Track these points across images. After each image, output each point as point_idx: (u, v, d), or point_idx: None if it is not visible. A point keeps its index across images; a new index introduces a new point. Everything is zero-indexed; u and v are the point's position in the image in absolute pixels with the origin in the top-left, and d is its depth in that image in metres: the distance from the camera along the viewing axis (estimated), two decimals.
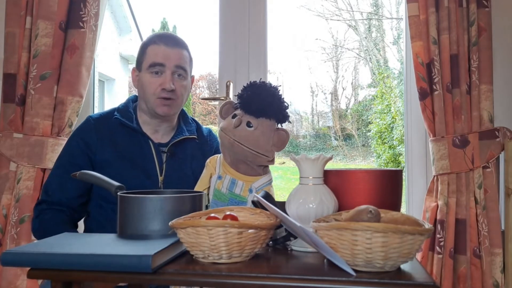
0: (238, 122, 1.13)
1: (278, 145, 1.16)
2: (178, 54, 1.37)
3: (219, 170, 1.20)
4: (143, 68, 1.37)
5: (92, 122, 1.39)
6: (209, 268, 0.76)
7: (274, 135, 1.16)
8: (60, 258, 0.77)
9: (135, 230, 0.95)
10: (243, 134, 1.13)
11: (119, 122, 1.37)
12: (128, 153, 1.35)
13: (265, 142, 1.14)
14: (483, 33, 1.71)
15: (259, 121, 1.14)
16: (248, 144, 1.13)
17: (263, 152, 1.14)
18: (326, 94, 7.82)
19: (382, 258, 0.70)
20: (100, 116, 1.42)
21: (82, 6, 1.77)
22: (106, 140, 1.35)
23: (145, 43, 1.39)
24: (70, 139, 1.40)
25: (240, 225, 0.77)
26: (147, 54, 1.36)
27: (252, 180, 1.17)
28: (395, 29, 7.27)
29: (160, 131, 1.42)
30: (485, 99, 1.71)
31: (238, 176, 1.17)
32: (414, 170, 1.91)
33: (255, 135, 1.13)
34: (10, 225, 1.70)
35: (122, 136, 1.37)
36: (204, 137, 1.50)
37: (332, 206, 0.91)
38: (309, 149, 7.45)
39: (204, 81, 7.85)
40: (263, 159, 1.16)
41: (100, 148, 1.34)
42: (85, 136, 1.36)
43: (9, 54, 1.77)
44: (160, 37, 1.38)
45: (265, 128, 1.15)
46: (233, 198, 1.17)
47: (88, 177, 1.14)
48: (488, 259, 1.68)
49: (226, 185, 1.18)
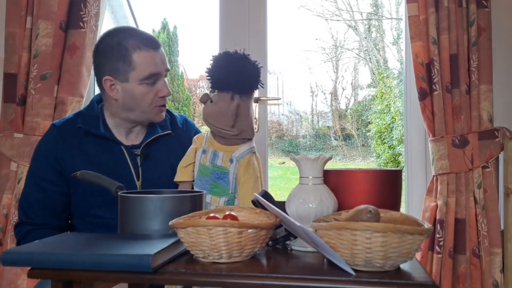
0: (204, 98, 1.15)
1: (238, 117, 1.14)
2: (163, 55, 1.27)
3: (205, 145, 1.20)
4: (131, 79, 1.23)
5: (56, 132, 1.29)
6: (209, 268, 0.76)
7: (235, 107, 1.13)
8: (60, 258, 0.77)
9: (135, 230, 0.95)
10: (206, 111, 1.16)
11: (84, 131, 1.26)
12: (100, 162, 1.25)
13: (222, 117, 1.13)
14: (483, 33, 1.72)
15: (219, 96, 1.14)
16: (209, 119, 1.15)
17: (222, 127, 1.14)
18: (326, 94, 7.83)
19: (381, 257, 0.70)
20: (64, 123, 1.31)
21: (83, 6, 1.77)
22: (75, 150, 1.26)
23: (124, 48, 1.21)
24: (37, 153, 1.30)
25: (240, 224, 0.78)
26: (134, 63, 1.21)
27: (232, 150, 1.16)
28: (395, 29, 7.28)
29: (133, 132, 1.33)
30: (484, 99, 1.71)
31: (219, 148, 1.17)
32: (413, 170, 1.92)
33: (213, 111, 1.14)
34: (11, 225, 1.70)
35: (91, 144, 1.27)
36: (179, 128, 1.40)
37: (332, 206, 0.92)
38: (309, 149, 7.46)
39: (204, 81, 7.85)
40: (227, 134, 1.15)
41: (70, 160, 1.24)
42: (51, 149, 1.26)
43: (10, 54, 1.77)
44: (140, 39, 1.23)
45: (222, 103, 1.13)
46: (215, 170, 1.16)
47: (88, 177, 1.13)
48: (487, 259, 1.68)
49: (209, 158, 1.17)
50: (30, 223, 1.26)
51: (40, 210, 1.26)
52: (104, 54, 1.25)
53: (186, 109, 6.93)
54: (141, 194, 0.99)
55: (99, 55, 1.27)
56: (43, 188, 1.26)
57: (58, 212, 1.28)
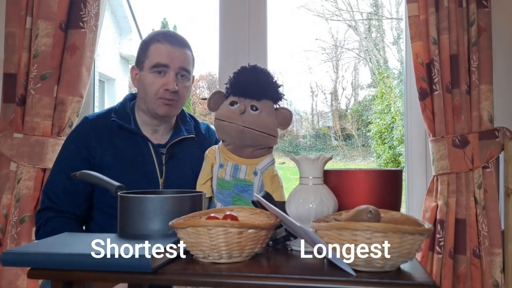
0: (243, 107, 1.14)
1: (283, 123, 1.19)
2: (182, 55, 1.33)
3: (220, 159, 1.19)
4: (145, 67, 1.33)
5: (89, 124, 1.35)
6: (209, 268, 0.76)
7: (277, 114, 1.18)
8: (60, 258, 0.77)
9: (135, 230, 0.95)
10: (251, 118, 1.14)
11: (116, 124, 1.34)
12: (128, 156, 1.32)
13: (271, 123, 1.16)
14: (483, 33, 1.71)
15: (262, 103, 1.16)
16: (258, 127, 1.14)
17: (273, 133, 1.17)
18: (326, 94, 7.82)
19: (382, 258, 0.70)
20: (97, 116, 1.38)
21: (82, 6, 1.77)
22: (106, 143, 1.32)
23: (147, 40, 1.34)
24: (68, 142, 1.36)
25: (240, 225, 0.77)
26: (150, 53, 1.32)
27: (255, 162, 1.18)
28: (395, 29, 7.28)
29: (159, 131, 1.40)
30: (485, 99, 1.71)
31: (240, 161, 1.17)
32: (414, 170, 1.91)
33: (263, 118, 1.15)
34: (10, 225, 1.70)
35: (121, 138, 1.34)
36: (202, 134, 1.48)
37: (332, 206, 0.91)
38: (309, 149, 7.46)
39: (204, 81, 7.85)
40: (273, 140, 1.18)
41: (100, 152, 1.31)
42: (83, 140, 1.32)
43: (9, 54, 1.76)
44: (164, 35, 1.33)
45: (269, 109, 1.17)
46: (238, 183, 1.17)
47: (88, 177, 1.13)
48: (488, 259, 1.68)
49: (229, 172, 1.17)
50: (54, 209, 1.29)
51: (64, 197, 1.30)
52: (138, 49, 1.38)
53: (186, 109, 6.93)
54: (141, 194, 0.99)
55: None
56: (70, 176, 1.26)
57: (81, 202, 1.32)
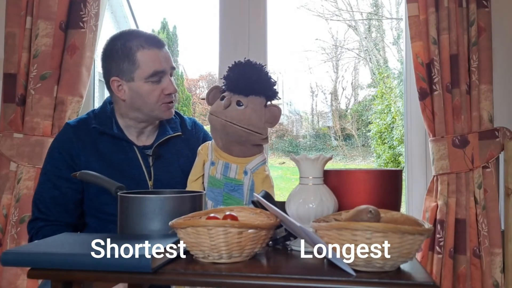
0: (227, 102, 1.12)
1: (270, 121, 1.15)
2: (168, 54, 1.31)
3: (212, 156, 1.19)
4: (136, 78, 1.26)
5: (71, 130, 1.31)
6: (209, 268, 0.76)
7: (266, 111, 1.15)
8: (60, 258, 0.77)
9: (135, 230, 0.95)
10: (234, 113, 1.12)
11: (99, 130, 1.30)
12: (113, 161, 1.29)
13: (257, 119, 1.13)
14: (483, 33, 1.71)
15: (249, 99, 1.14)
16: (241, 123, 1.12)
17: (257, 130, 1.13)
18: (326, 94, 7.83)
19: (382, 258, 0.70)
20: (78, 122, 1.33)
21: (82, 6, 1.77)
22: (89, 149, 1.29)
23: (128, 49, 1.26)
24: (52, 150, 1.32)
25: (240, 225, 0.77)
26: (139, 62, 1.25)
27: (245, 161, 1.16)
28: (395, 29, 7.28)
29: (145, 133, 1.36)
30: (484, 99, 1.71)
31: (231, 160, 1.16)
32: (414, 170, 1.91)
33: (247, 113, 1.12)
34: (10, 225, 1.70)
35: (104, 143, 1.30)
36: (188, 130, 1.44)
37: (332, 206, 0.91)
38: (309, 149, 7.46)
39: (204, 81, 7.85)
40: (257, 137, 1.14)
41: (84, 158, 1.28)
42: (67, 147, 1.29)
43: (9, 54, 1.77)
44: (146, 39, 1.27)
45: (255, 105, 1.14)
46: (228, 182, 1.16)
47: (88, 177, 1.13)
48: (488, 259, 1.68)
49: (219, 170, 1.16)
50: (43, 219, 1.27)
51: (53, 206, 1.28)
52: (110, 56, 1.29)
53: (186, 109, 6.94)
54: (141, 194, 0.99)
55: (105, 59, 1.31)
56: (57, 185, 1.27)
57: (71, 209, 1.30)
